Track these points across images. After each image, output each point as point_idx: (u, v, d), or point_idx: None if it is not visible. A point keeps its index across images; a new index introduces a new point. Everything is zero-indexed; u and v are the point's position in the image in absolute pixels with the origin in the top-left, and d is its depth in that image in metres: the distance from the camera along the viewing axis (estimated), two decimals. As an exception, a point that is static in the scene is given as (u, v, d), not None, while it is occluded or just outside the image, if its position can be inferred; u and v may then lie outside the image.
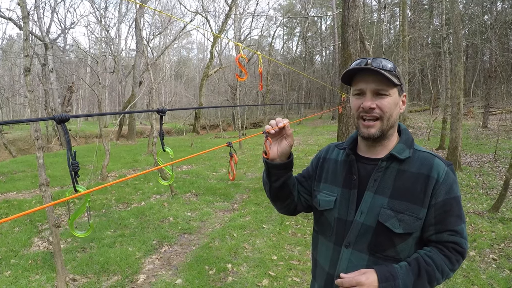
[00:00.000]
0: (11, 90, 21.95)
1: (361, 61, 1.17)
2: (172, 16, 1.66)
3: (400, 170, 1.16)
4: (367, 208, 1.16)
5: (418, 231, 1.14)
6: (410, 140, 1.22)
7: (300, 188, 1.40)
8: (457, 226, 1.13)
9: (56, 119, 0.69)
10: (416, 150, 1.19)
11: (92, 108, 35.43)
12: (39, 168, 3.33)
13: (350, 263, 1.17)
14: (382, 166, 1.17)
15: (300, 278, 3.54)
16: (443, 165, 1.14)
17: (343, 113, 5.81)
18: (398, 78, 1.16)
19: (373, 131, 1.17)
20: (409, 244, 1.14)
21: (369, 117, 1.16)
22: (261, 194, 6.74)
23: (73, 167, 0.72)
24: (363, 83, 1.17)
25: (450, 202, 1.12)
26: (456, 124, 8.36)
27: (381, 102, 1.15)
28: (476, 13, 23.02)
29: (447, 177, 1.13)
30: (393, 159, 1.17)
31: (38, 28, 14.89)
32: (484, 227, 4.76)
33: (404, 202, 1.12)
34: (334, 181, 1.28)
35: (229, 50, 39.51)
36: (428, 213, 1.12)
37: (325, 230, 1.28)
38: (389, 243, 1.13)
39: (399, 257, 1.14)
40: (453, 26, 8.85)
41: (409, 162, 1.16)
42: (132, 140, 18.01)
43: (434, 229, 1.13)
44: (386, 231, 1.12)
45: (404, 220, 1.11)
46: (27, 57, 3.51)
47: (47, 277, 3.58)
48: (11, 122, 0.69)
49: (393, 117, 1.17)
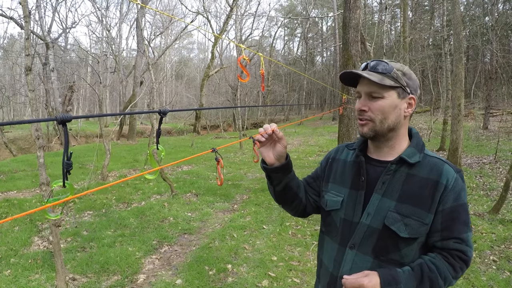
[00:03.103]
0: (12, 89, 21.99)
1: (364, 65, 1.20)
2: (173, 16, 1.66)
3: (410, 174, 1.15)
4: (374, 210, 1.16)
5: (424, 236, 1.14)
6: (421, 144, 1.21)
7: (308, 189, 1.41)
8: (463, 234, 1.13)
9: (58, 119, 0.70)
10: (427, 155, 1.19)
11: (93, 107, 35.44)
12: (40, 168, 3.33)
13: (354, 265, 1.18)
14: (391, 169, 1.17)
15: (300, 279, 3.54)
16: (453, 172, 1.14)
17: (344, 114, 5.81)
18: (396, 80, 1.14)
19: (365, 129, 1.19)
20: (414, 249, 1.14)
21: (362, 118, 1.19)
22: (261, 195, 6.74)
23: (67, 166, 0.76)
24: (360, 86, 1.20)
25: (458, 209, 1.12)
26: (456, 125, 8.36)
27: (372, 105, 1.16)
28: (477, 15, 23.00)
29: (456, 184, 1.13)
30: (402, 163, 1.17)
31: (40, 27, 14.89)
32: (485, 228, 4.76)
33: (411, 207, 1.12)
34: (342, 182, 1.29)
35: (230, 50, 39.57)
36: (435, 219, 1.12)
37: (331, 230, 1.29)
38: (393, 246, 1.13)
39: (403, 261, 1.14)
40: (454, 28, 8.84)
41: (418, 167, 1.16)
42: (132, 140, 18.01)
43: (440, 235, 1.13)
44: (392, 235, 1.12)
45: (410, 225, 1.11)
46: (28, 56, 3.52)
47: (47, 276, 3.58)
48: (14, 123, 0.69)
49: (388, 119, 1.16)
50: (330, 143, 14.95)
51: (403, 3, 14.45)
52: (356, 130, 6.09)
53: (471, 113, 18.26)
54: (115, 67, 21.55)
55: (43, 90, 15.66)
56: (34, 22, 15.02)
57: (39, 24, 14.57)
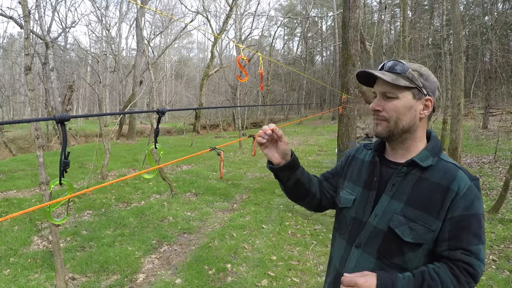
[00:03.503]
0: (12, 89, 21.94)
1: (380, 64, 1.22)
2: (173, 16, 1.66)
3: (421, 178, 1.13)
4: (382, 211, 1.15)
5: (430, 243, 1.10)
6: (438, 148, 1.19)
7: (326, 184, 1.43)
8: (473, 246, 1.08)
9: (56, 119, 0.70)
10: (442, 160, 1.16)
11: (92, 107, 35.42)
12: (39, 167, 3.33)
13: (358, 264, 1.18)
14: (402, 171, 1.16)
15: (299, 279, 3.54)
16: (467, 179, 1.10)
17: (344, 114, 5.80)
18: (411, 81, 1.13)
19: (379, 129, 1.19)
20: (419, 255, 1.12)
21: (377, 117, 1.20)
22: (261, 194, 6.74)
23: (64, 165, 0.77)
24: (376, 86, 1.20)
25: (468, 218, 1.07)
26: (456, 125, 8.36)
27: (387, 105, 1.16)
28: (477, 14, 23.02)
29: (469, 192, 1.08)
30: (414, 166, 1.15)
31: (39, 27, 14.88)
32: (484, 228, 4.76)
33: (419, 211, 1.10)
34: (357, 181, 1.30)
35: (230, 50, 39.53)
36: (443, 227, 1.08)
37: (342, 227, 1.31)
38: (397, 250, 1.12)
39: (406, 266, 1.12)
40: (454, 27, 8.84)
41: (431, 171, 1.13)
42: (132, 140, 18.00)
43: (448, 244, 1.09)
44: (396, 238, 1.11)
45: (415, 230, 1.09)
46: (28, 56, 3.52)
47: (46, 276, 3.58)
48: (12, 123, 0.69)
49: (403, 120, 1.15)
50: (329, 142, 14.95)
51: (402, 3, 14.44)
52: (355, 129, 6.09)
53: (471, 113, 18.28)
54: (114, 66, 21.53)
55: (42, 89, 15.65)
56: (33, 22, 15.00)
57: (39, 23, 14.57)
